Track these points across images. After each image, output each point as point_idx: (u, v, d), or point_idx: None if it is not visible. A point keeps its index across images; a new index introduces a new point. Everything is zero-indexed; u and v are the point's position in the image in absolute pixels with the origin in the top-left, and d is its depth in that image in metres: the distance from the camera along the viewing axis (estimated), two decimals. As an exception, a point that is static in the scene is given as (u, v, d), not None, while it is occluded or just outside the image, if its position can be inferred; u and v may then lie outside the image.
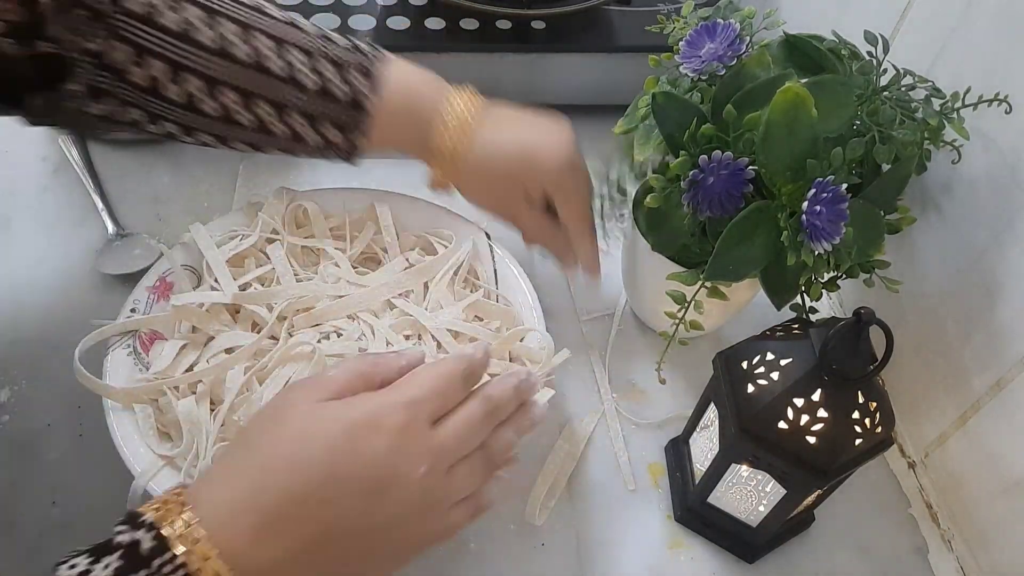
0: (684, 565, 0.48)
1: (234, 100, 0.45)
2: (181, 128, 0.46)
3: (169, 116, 0.45)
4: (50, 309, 0.55)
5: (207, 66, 0.43)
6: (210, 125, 0.46)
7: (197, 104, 0.44)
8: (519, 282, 0.53)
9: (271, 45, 0.45)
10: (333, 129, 0.47)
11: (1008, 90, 0.43)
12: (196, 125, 0.46)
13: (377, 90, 0.47)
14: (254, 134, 0.46)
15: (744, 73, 0.46)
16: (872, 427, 0.40)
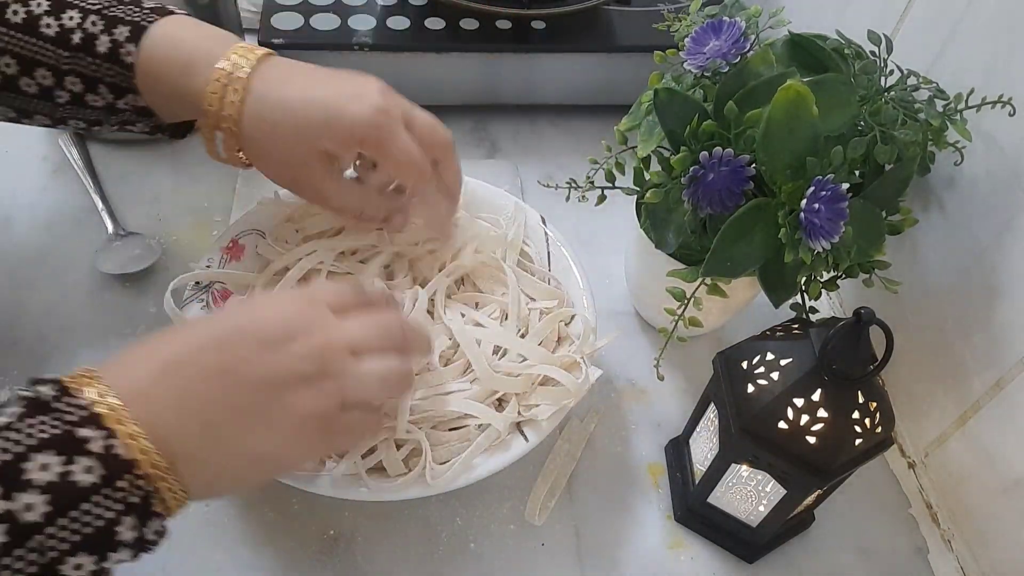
0: (684, 565, 0.48)
1: (13, 66, 0.43)
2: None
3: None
4: (50, 309, 0.55)
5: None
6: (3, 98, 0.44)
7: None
8: (570, 265, 0.53)
9: (48, 7, 0.43)
10: (107, 91, 0.43)
11: (1009, 90, 0.43)
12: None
13: (136, 40, 0.42)
14: (40, 102, 0.44)
15: (747, 71, 0.46)
16: (872, 427, 0.40)
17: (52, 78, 0.43)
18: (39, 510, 0.28)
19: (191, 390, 0.33)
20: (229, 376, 0.33)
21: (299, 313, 0.36)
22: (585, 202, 0.54)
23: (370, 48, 0.66)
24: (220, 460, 0.34)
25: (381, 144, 0.43)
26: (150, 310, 0.56)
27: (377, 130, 0.42)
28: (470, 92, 0.72)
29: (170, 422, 0.32)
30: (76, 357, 0.53)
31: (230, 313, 0.37)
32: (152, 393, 0.32)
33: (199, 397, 0.33)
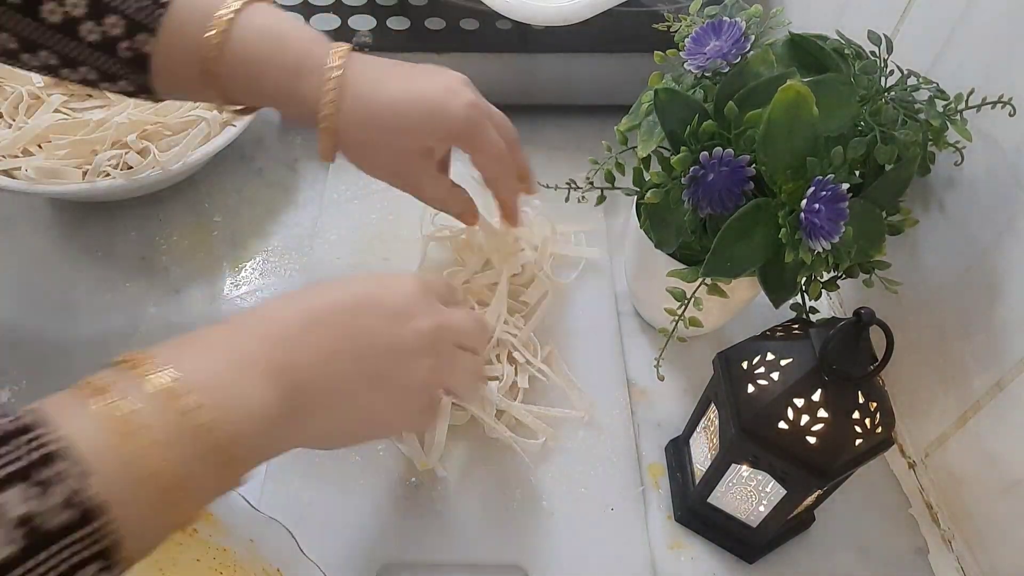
0: (684, 565, 0.48)
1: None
2: (20, 41, 0.42)
3: (9, 26, 0.41)
4: (50, 309, 0.55)
5: None
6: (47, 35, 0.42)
7: (36, 8, 0.41)
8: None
9: None
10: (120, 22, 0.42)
11: (1009, 90, 0.43)
12: (36, 37, 0.42)
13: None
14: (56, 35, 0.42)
15: (747, 71, 0.46)
16: (872, 427, 0.40)
17: (85, 7, 0.41)
18: (11, 548, 0.25)
19: (331, 343, 0.35)
20: (361, 338, 0.36)
21: (418, 294, 0.39)
22: (585, 202, 0.54)
23: (370, 48, 0.66)
24: (341, 413, 0.36)
25: (475, 138, 0.46)
26: (150, 310, 0.56)
27: (473, 126, 0.46)
28: (470, 92, 0.72)
29: (312, 369, 0.34)
30: (76, 357, 0.53)
31: (359, 282, 0.39)
32: (301, 342, 0.34)
33: (336, 353, 0.35)
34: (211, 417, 0.30)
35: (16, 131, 0.59)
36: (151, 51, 0.42)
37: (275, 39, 0.43)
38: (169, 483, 0.29)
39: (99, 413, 0.28)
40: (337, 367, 0.35)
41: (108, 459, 0.27)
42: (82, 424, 0.28)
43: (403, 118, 0.44)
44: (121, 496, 0.27)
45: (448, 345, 0.40)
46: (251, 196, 0.65)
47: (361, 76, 0.44)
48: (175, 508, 0.30)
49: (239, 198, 0.64)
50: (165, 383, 0.30)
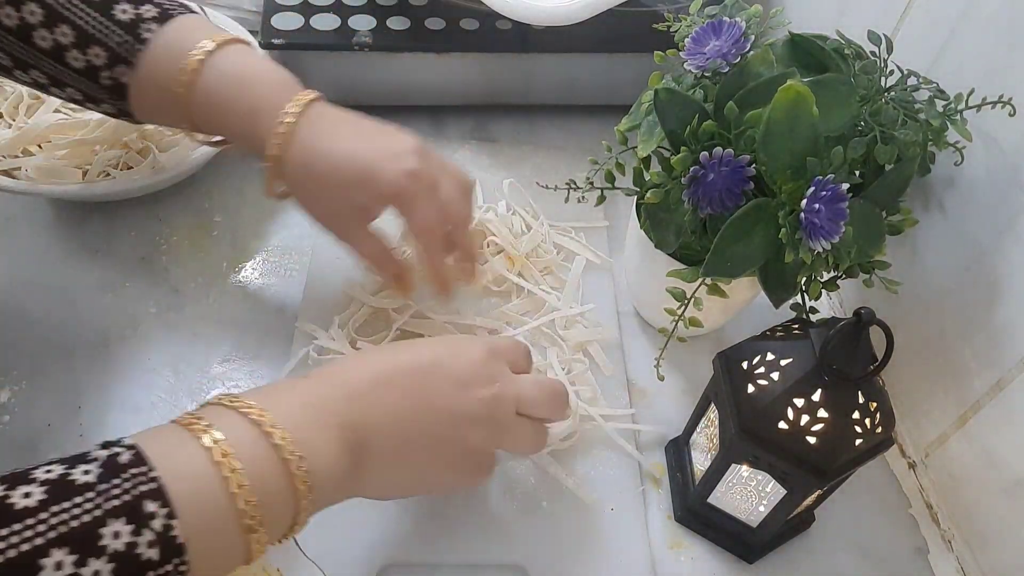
0: (684, 565, 0.48)
1: (38, 14, 0.44)
2: (12, 60, 0.46)
3: (3, 46, 0.45)
4: (50, 309, 0.55)
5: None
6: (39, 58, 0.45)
7: (29, 34, 0.44)
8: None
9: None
10: (104, 56, 0.45)
11: (1010, 90, 0.43)
12: (28, 59, 0.45)
13: (161, 22, 0.46)
14: (44, 59, 0.45)
15: (747, 71, 0.46)
16: (872, 427, 0.40)
17: (73, 37, 0.45)
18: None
19: (397, 404, 0.38)
20: (425, 400, 0.39)
21: (485, 362, 0.41)
22: (585, 202, 0.54)
23: (370, 48, 0.66)
24: (397, 470, 0.39)
25: (406, 205, 0.47)
26: (151, 311, 0.56)
27: (404, 193, 0.46)
28: (470, 92, 0.72)
29: (378, 427, 0.37)
30: (76, 357, 0.53)
31: (431, 346, 0.42)
32: (370, 399, 0.37)
33: (402, 412, 0.38)
34: (291, 451, 0.33)
35: (16, 131, 0.59)
36: (128, 82, 0.46)
37: (239, 83, 0.46)
38: (250, 523, 0.32)
39: (199, 450, 0.31)
40: (400, 427, 0.38)
41: (197, 499, 0.30)
42: (180, 462, 0.31)
43: (338, 174, 0.46)
44: (201, 535, 0.30)
45: (508, 414, 0.41)
46: (251, 196, 0.65)
47: (313, 126, 0.46)
48: (247, 546, 0.32)
49: (239, 198, 0.64)
50: (271, 429, 0.33)
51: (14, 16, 0.44)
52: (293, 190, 0.48)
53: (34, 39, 0.45)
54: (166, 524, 0.29)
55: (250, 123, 0.46)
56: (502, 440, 0.42)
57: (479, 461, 0.41)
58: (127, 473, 0.29)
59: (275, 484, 0.33)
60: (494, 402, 0.40)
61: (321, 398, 0.36)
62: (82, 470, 0.29)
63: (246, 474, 0.31)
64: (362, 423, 0.36)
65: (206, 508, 0.30)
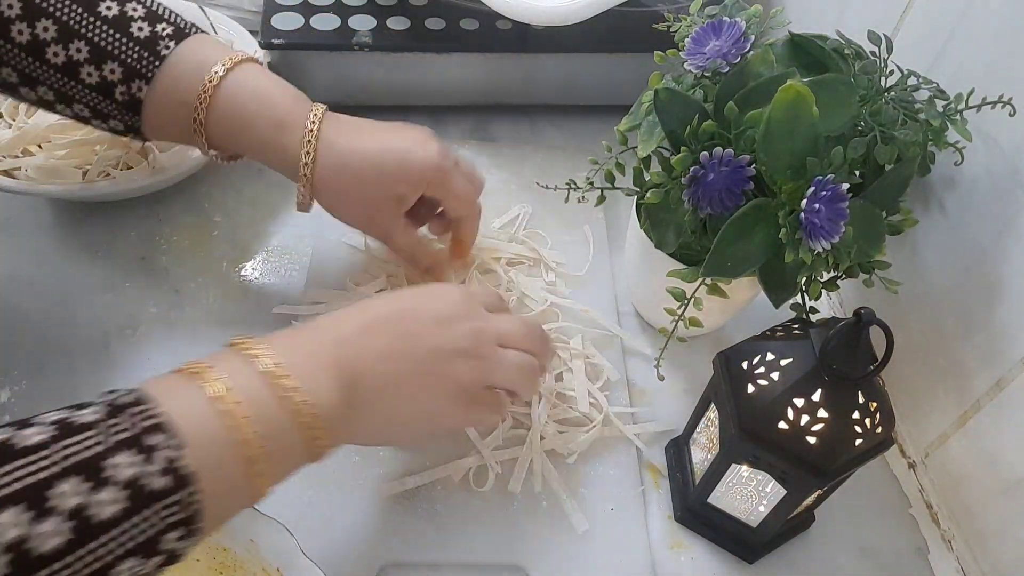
0: (684, 565, 0.48)
1: (51, 30, 0.45)
2: (20, 76, 0.46)
3: (11, 62, 0.45)
4: (50, 309, 0.55)
5: (63, 11, 0.45)
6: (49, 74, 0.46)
7: (42, 50, 0.45)
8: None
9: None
10: (120, 71, 0.46)
11: (1010, 90, 0.43)
12: (37, 75, 0.46)
13: (177, 40, 0.47)
14: (56, 75, 0.46)
15: (747, 71, 0.46)
16: (872, 427, 0.40)
17: (87, 53, 0.46)
18: (116, 507, 0.28)
19: (382, 345, 0.39)
20: (410, 340, 0.40)
21: (461, 302, 0.43)
22: (585, 202, 0.54)
23: (370, 48, 0.66)
24: (392, 408, 0.40)
25: (444, 183, 0.50)
26: (151, 311, 0.56)
27: (441, 172, 0.49)
28: (470, 92, 0.72)
29: (366, 367, 0.38)
30: (76, 357, 0.53)
31: (406, 296, 0.43)
32: (359, 343, 0.39)
33: (388, 351, 0.39)
34: (302, 399, 0.35)
35: (16, 131, 0.59)
36: (144, 97, 0.47)
37: (262, 96, 0.47)
38: (255, 453, 0.33)
39: (198, 391, 0.33)
40: (388, 366, 0.39)
41: (203, 432, 0.31)
42: (182, 401, 0.32)
43: (376, 166, 0.48)
44: (210, 467, 0.31)
45: (490, 346, 0.43)
46: (251, 196, 0.65)
47: (336, 130, 0.48)
48: (256, 479, 0.33)
49: (239, 198, 0.64)
50: (268, 365, 0.35)
51: (26, 32, 0.44)
52: (325, 196, 0.49)
53: (46, 55, 0.45)
54: (174, 455, 0.30)
55: (275, 135, 0.47)
56: (492, 373, 0.43)
57: (476, 395, 0.43)
58: (132, 410, 0.30)
59: (278, 417, 0.34)
60: (475, 334, 0.42)
61: (312, 342, 0.38)
62: (87, 411, 0.30)
63: (247, 407, 0.33)
64: (353, 366, 0.38)
65: (212, 440, 0.31)
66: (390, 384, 0.39)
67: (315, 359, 0.37)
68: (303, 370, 0.36)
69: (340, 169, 0.48)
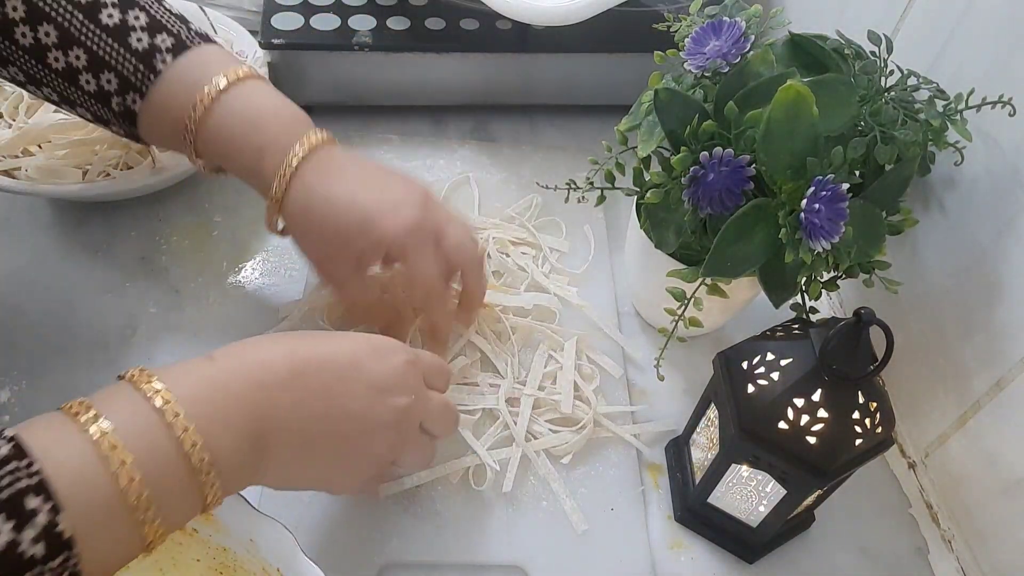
0: (684, 565, 0.48)
1: (52, 35, 0.44)
2: (26, 76, 0.46)
3: (16, 62, 0.45)
4: (50, 309, 0.55)
5: (65, 16, 0.44)
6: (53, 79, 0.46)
7: (44, 54, 0.45)
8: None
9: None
10: (116, 82, 0.45)
11: (1010, 90, 0.43)
12: (41, 77, 0.46)
13: (175, 54, 0.46)
14: (58, 79, 0.46)
15: (747, 71, 0.46)
16: (872, 427, 0.40)
17: (86, 61, 0.45)
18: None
19: (307, 401, 0.37)
20: (338, 400, 0.38)
21: (404, 372, 0.40)
22: (585, 202, 0.54)
23: (370, 48, 0.66)
24: (298, 465, 0.38)
25: (405, 258, 0.46)
26: (151, 311, 0.56)
27: (403, 247, 0.46)
28: (470, 92, 0.72)
29: (285, 420, 0.36)
30: (76, 357, 0.53)
31: (350, 343, 0.40)
32: (278, 393, 0.36)
33: (311, 410, 0.37)
34: (192, 441, 0.32)
35: (16, 131, 0.59)
36: (139, 110, 0.46)
37: (248, 123, 0.46)
38: (143, 517, 0.30)
39: (79, 435, 0.30)
40: (307, 425, 0.37)
41: (84, 492, 0.29)
42: (61, 450, 0.29)
43: (336, 220, 0.45)
44: (90, 528, 0.29)
45: (414, 427, 0.42)
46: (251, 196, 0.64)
47: (318, 167, 0.45)
48: (139, 528, 0.31)
49: (239, 198, 0.64)
50: (159, 403, 0.32)
51: (29, 36, 0.44)
52: (291, 230, 0.47)
53: (48, 60, 0.45)
54: (51, 520, 0.28)
55: (256, 162, 0.46)
56: (402, 450, 0.42)
57: (379, 468, 0.42)
58: (8, 466, 0.28)
59: (173, 474, 0.32)
60: (405, 413, 0.40)
61: (231, 382, 0.35)
62: None
63: (138, 465, 0.30)
64: (269, 415, 0.35)
65: (94, 500, 0.29)
66: (304, 445, 0.37)
67: (226, 407, 0.34)
68: (208, 421, 0.33)
69: (305, 211, 0.45)
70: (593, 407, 0.52)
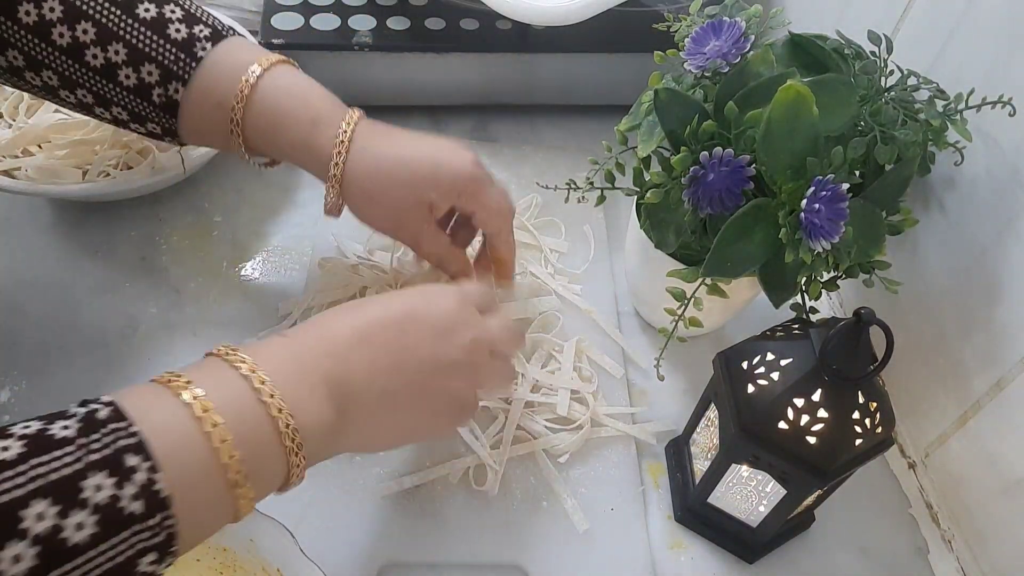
0: (684, 565, 0.48)
1: (91, 32, 0.45)
2: (60, 79, 0.46)
3: (52, 64, 0.45)
4: (50, 309, 0.55)
5: (103, 13, 0.45)
6: (89, 76, 0.46)
7: (81, 52, 0.45)
8: None
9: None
10: (157, 72, 0.46)
11: (1009, 90, 0.43)
12: (76, 77, 0.46)
13: (214, 42, 0.46)
14: (96, 77, 0.46)
15: (747, 71, 0.46)
16: (872, 427, 0.40)
17: (125, 55, 0.45)
18: (88, 531, 0.27)
19: (378, 359, 0.38)
20: (406, 353, 0.39)
21: (459, 309, 0.42)
22: (585, 202, 0.54)
23: (370, 48, 0.66)
24: (384, 422, 0.39)
25: (478, 194, 0.48)
26: (151, 311, 0.56)
27: (475, 182, 0.48)
28: (470, 92, 0.72)
29: (360, 382, 0.37)
30: (76, 357, 0.53)
31: (404, 297, 0.41)
32: (349, 357, 0.37)
33: (383, 366, 0.38)
34: (279, 406, 0.33)
35: (16, 131, 0.59)
36: (181, 99, 0.46)
37: (297, 96, 0.47)
38: (235, 478, 0.31)
39: (178, 407, 0.31)
40: (383, 381, 0.38)
41: (180, 453, 0.30)
42: (159, 417, 0.30)
43: (408, 170, 0.47)
44: (186, 490, 0.30)
45: (484, 355, 0.42)
46: (251, 196, 0.65)
47: (370, 133, 0.47)
48: (235, 501, 0.32)
49: (239, 198, 0.64)
50: (256, 382, 0.33)
51: (67, 35, 0.44)
52: (354, 199, 0.48)
53: (85, 57, 0.45)
54: (149, 478, 0.29)
55: (309, 134, 0.46)
56: (482, 383, 0.43)
57: (462, 405, 0.42)
58: (107, 427, 0.29)
59: (262, 439, 0.33)
60: (473, 347, 0.41)
61: (305, 354, 0.36)
62: (61, 425, 0.29)
63: (230, 428, 0.31)
64: (345, 379, 0.37)
65: (190, 462, 0.30)
66: (383, 400, 0.38)
67: (304, 374, 0.35)
68: (292, 388, 0.34)
69: (371, 172, 0.47)
70: (590, 407, 0.52)
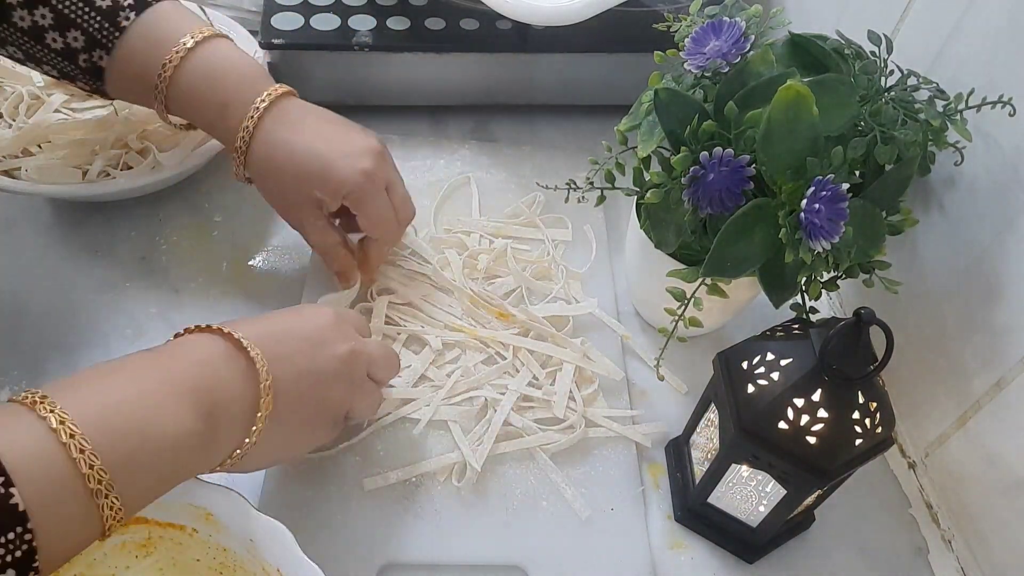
0: (684, 565, 0.48)
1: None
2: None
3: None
4: (50, 309, 0.55)
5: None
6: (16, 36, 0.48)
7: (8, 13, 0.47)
8: None
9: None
10: (82, 40, 0.48)
11: (1009, 90, 0.43)
12: (6, 36, 0.48)
13: (138, 11, 0.48)
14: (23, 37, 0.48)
15: (747, 71, 0.46)
16: (872, 427, 0.40)
17: (51, 19, 0.47)
18: None
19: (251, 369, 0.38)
20: (281, 363, 0.39)
21: (335, 325, 0.43)
22: (585, 202, 0.54)
23: (370, 48, 0.66)
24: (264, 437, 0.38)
25: (362, 202, 0.50)
26: (151, 311, 0.56)
27: (359, 190, 0.49)
28: (470, 92, 0.72)
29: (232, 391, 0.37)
30: (76, 357, 0.53)
31: (278, 315, 0.43)
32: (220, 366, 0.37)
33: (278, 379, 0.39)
34: (143, 428, 0.33)
35: (16, 131, 0.59)
36: (105, 66, 0.49)
37: (214, 79, 0.49)
38: (96, 487, 0.31)
39: (35, 421, 0.31)
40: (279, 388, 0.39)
41: (37, 466, 0.29)
42: (16, 433, 0.30)
43: (295, 166, 0.49)
44: (45, 503, 0.29)
45: (361, 372, 0.43)
46: (251, 196, 0.64)
47: (279, 119, 0.49)
48: (97, 514, 0.31)
49: (239, 198, 0.64)
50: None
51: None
52: (255, 179, 0.51)
53: (13, 18, 0.47)
54: (3, 492, 0.28)
55: (221, 116, 0.49)
56: (353, 398, 0.43)
57: (333, 418, 0.43)
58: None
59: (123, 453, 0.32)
60: (350, 358, 0.42)
61: (171, 367, 0.36)
62: None
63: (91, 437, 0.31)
64: (215, 387, 0.36)
65: (49, 474, 0.30)
66: (285, 407, 0.39)
67: (172, 384, 0.35)
68: (154, 399, 0.34)
69: (267, 159, 0.49)
70: (579, 409, 0.52)
